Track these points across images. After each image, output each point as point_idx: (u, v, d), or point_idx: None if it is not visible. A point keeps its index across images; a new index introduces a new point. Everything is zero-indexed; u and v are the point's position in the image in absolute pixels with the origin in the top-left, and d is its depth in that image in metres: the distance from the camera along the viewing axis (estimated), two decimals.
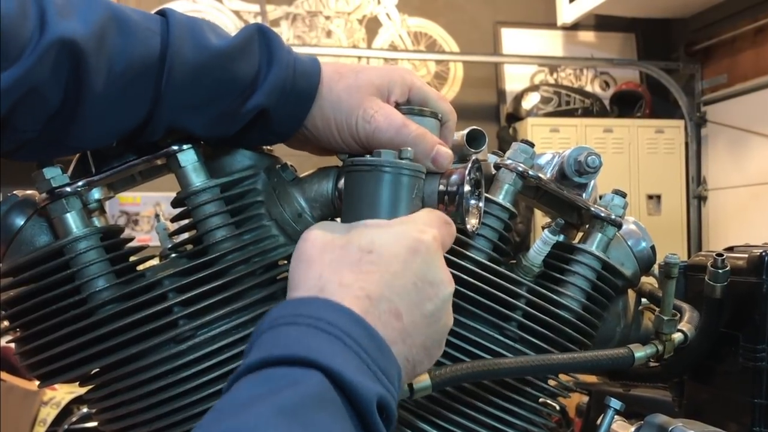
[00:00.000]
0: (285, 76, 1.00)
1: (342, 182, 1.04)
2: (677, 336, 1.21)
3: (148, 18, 0.97)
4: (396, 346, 0.81)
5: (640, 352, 1.16)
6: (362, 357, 0.75)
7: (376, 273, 0.82)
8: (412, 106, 1.04)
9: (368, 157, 0.92)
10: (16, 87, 0.85)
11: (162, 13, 0.99)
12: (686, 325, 1.24)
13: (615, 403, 1.19)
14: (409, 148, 0.92)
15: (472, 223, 0.98)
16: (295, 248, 0.88)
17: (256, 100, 0.99)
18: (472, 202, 0.99)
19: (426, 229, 0.88)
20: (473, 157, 0.99)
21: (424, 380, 1.02)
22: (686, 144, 7.37)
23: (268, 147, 1.12)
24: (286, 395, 0.68)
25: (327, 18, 7.45)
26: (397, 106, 1.04)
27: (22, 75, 0.85)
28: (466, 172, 0.94)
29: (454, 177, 0.95)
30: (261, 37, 1.01)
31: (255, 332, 0.78)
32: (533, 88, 7.46)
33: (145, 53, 0.94)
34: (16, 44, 0.84)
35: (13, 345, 1.06)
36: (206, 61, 0.96)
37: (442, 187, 0.95)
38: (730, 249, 1.34)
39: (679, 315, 1.25)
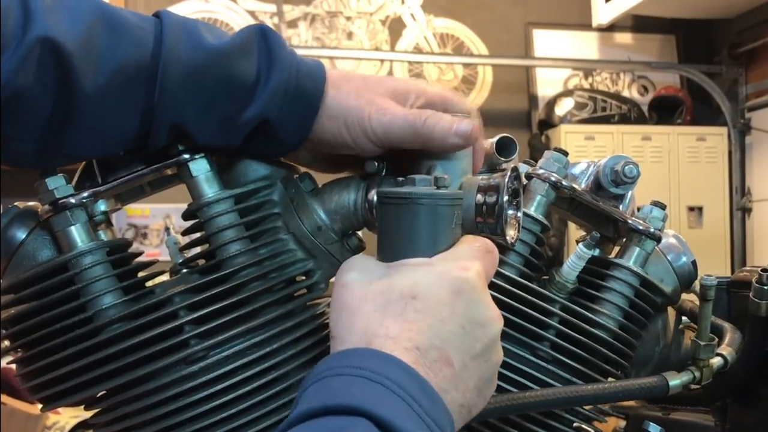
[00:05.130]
0: (287, 80, 1.00)
1: (373, 193, 1.04)
2: (716, 361, 1.19)
3: (141, 18, 0.98)
4: (448, 394, 0.81)
5: (675, 380, 1.15)
6: (413, 407, 0.75)
7: (423, 321, 0.82)
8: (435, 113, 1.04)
9: (403, 187, 0.91)
10: None
11: (157, 15, 1.00)
12: (726, 348, 1.22)
13: (654, 428, 1.19)
14: (446, 176, 0.92)
15: (510, 234, 0.98)
16: (333, 295, 0.88)
17: (257, 108, 1.00)
18: (510, 212, 0.98)
19: (469, 265, 0.87)
20: (511, 166, 0.99)
21: None
22: (729, 152, 7.31)
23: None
24: None
25: (348, 19, 7.45)
26: None
27: (5, 77, 0.86)
28: (505, 181, 0.94)
29: (491, 188, 0.95)
30: (261, 38, 1.01)
31: (300, 388, 0.79)
32: (567, 93, 7.43)
33: (137, 52, 0.95)
34: None
35: (14, 366, 1.06)
36: (203, 60, 0.97)
37: (479, 198, 0.95)
38: None
39: (718, 338, 1.23)
